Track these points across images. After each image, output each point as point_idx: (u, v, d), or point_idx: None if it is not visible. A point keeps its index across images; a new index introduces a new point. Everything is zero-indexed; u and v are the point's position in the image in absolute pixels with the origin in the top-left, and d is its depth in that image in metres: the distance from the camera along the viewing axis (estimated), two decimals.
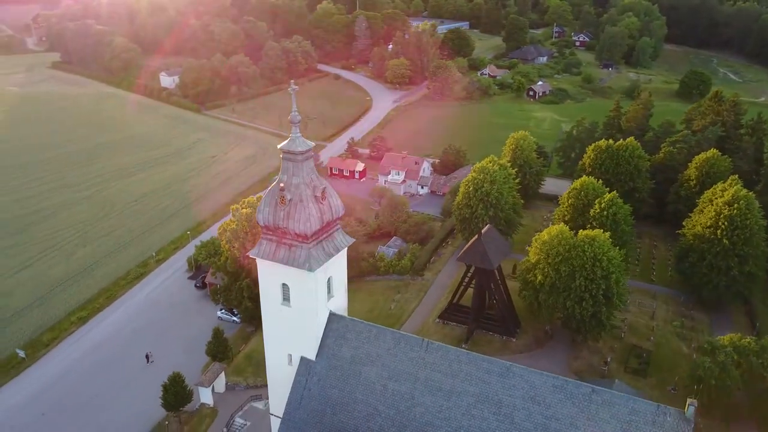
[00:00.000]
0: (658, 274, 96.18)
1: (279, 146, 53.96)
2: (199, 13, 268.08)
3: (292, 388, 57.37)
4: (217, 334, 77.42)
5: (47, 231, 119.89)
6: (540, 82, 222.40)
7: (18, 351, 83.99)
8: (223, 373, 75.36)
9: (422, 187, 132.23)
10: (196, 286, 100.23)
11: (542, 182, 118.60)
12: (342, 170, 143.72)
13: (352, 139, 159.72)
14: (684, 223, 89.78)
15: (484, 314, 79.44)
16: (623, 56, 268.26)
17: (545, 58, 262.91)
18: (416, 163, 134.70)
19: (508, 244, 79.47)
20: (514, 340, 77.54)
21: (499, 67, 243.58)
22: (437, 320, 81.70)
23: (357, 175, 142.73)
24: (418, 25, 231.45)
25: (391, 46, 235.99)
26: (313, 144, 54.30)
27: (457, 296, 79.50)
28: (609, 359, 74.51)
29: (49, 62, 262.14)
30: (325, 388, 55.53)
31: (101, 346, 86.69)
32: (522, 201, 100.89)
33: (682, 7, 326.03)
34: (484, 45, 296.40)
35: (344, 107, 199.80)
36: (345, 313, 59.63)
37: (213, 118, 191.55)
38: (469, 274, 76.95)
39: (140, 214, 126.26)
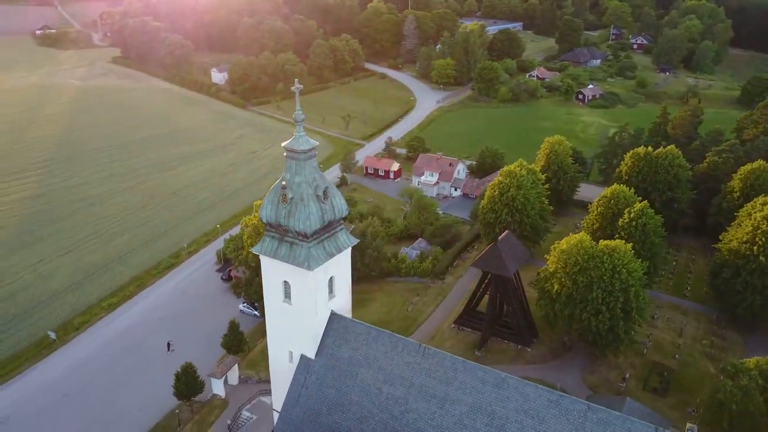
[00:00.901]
0: (693, 289, 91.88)
1: (283, 144, 54.39)
2: (252, 11, 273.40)
3: (290, 385, 57.78)
4: (233, 327, 78.59)
5: (91, 218, 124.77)
6: (590, 86, 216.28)
7: (50, 333, 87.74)
8: (236, 365, 76.52)
9: (455, 189, 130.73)
10: (222, 278, 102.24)
11: (577, 189, 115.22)
12: (377, 170, 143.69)
13: (390, 138, 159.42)
14: (720, 237, 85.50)
15: (500, 322, 77.81)
16: (682, 60, 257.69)
17: (599, 61, 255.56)
18: (450, 164, 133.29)
19: (527, 251, 77.46)
20: (529, 349, 75.62)
21: (549, 69, 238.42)
22: (453, 325, 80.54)
23: (392, 175, 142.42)
24: (467, 25, 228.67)
25: (438, 46, 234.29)
26: (316, 143, 54.54)
27: (474, 302, 78.10)
28: (627, 375, 71.70)
29: (109, 57, 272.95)
30: (322, 388, 55.62)
31: (127, 332, 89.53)
32: (551, 207, 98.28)
33: (751, 9, 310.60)
34: (537, 47, 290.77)
35: (387, 106, 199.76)
36: (348, 314, 59.61)
37: (258, 114, 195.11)
38: (486, 281, 75.40)
39: (177, 205, 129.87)
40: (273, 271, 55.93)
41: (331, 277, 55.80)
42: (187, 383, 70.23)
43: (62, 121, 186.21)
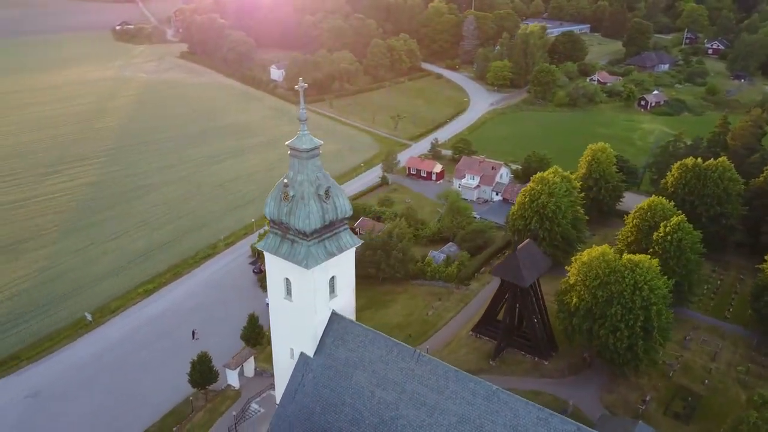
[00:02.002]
0: (735, 311, 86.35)
1: (286, 143, 54.75)
2: (315, 9, 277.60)
3: (288, 381, 58.34)
4: (252, 320, 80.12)
5: (142, 206, 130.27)
6: (655, 92, 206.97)
7: (86, 314, 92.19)
8: (252, 358, 77.88)
9: (496, 194, 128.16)
10: (253, 272, 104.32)
11: (621, 199, 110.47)
12: (419, 171, 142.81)
13: (436, 139, 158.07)
14: (766, 257, 79.89)
15: (518, 332, 75.69)
16: (760, 67, 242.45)
17: (667, 66, 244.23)
18: (493, 168, 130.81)
19: (549, 261, 74.82)
20: (546, 363, 73.19)
21: (612, 73, 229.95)
22: (470, 333, 79.00)
23: (434, 177, 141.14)
24: (527, 26, 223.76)
25: (497, 48, 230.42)
26: (320, 142, 54.61)
27: (492, 311, 76.29)
28: (648, 398, 68.18)
29: (178, 52, 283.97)
30: (318, 387, 55.81)
31: (158, 318, 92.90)
32: (586, 217, 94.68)
33: None
34: (602, 50, 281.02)
35: (439, 107, 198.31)
36: (352, 314, 59.60)
37: (311, 111, 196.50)
38: (504, 289, 73.48)
39: (222, 197, 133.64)
40: (275, 268, 56.54)
41: (332, 277, 55.88)
42: (202, 372, 72.16)
43: (127, 113, 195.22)
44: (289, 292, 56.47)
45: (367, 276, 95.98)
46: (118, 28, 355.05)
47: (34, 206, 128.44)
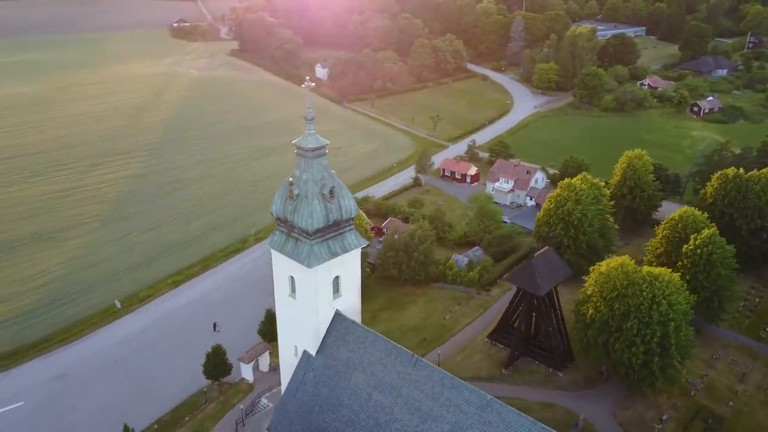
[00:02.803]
0: None
1: (293, 142, 55.05)
2: (363, 8, 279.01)
3: (290, 379, 58.74)
4: (269, 315, 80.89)
5: (179, 199, 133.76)
6: (710, 98, 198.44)
7: (116, 302, 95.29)
8: (267, 353, 78.75)
9: (530, 199, 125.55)
10: None
11: (658, 208, 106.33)
12: (454, 173, 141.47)
13: (473, 141, 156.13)
14: None
15: (534, 341, 73.86)
16: None
17: (725, 71, 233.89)
18: (528, 172, 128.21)
19: (568, 270, 72.57)
20: (561, 374, 71.18)
21: (664, 78, 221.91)
22: (486, 340, 77.60)
23: (468, 179, 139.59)
24: (576, 28, 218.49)
25: (545, 50, 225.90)
26: (326, 142, 54.81)
27: (508, 318, 74.72)
28: (665, 417, 65.30)
29: (229, 50, 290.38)
30: (318, 386, 55.93)
31: (183, 309, 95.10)
32: (616, 226, 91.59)
33: None
34: (657, 53, 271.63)
35: (481, 109, 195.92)
36: (357, 315, 59.44)
37: (352, 110, 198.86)
38: (519, 297, 71.87)
39: (256, 193, 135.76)
40: (281, 266, 57.08)
41: (336, 277, 55.87)
42: (215, 364, 73.39)
43: (174, 108, 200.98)
44: (293, 290, 56.85)
45: (389, 277, 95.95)
46: (174, 25, 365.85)
47: (79, 196, 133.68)
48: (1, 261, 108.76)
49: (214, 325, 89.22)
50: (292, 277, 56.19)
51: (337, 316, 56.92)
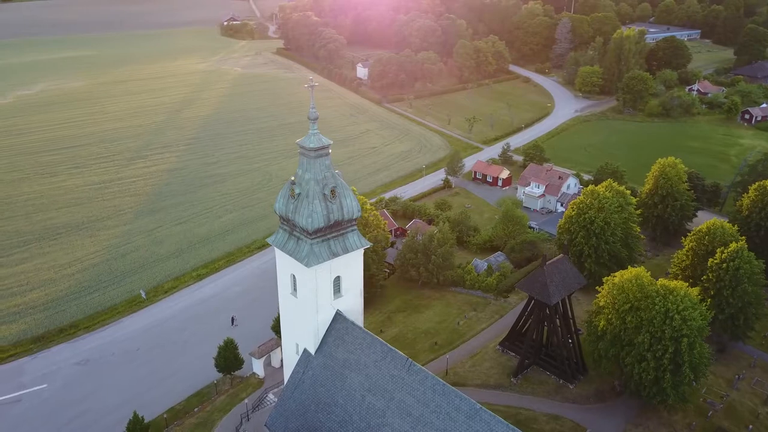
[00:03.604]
0: None
1: (297, 141, 55.30)
2: (408, 8, 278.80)
3: (290, 376, 59.17)
4: None
5: (212, 194, 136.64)
6: (763, 105, 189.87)
7: (141, 292, 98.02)
8: (279, 349, 79.37)
9: (561, 204, 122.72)
10: None
11: (691, 218, 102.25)
12: (485, 175, 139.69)
13: (508, 144, 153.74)
14: None
15: (546, 351, 72.12)
16: None
17: None
18: (560, 177, 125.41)
19: (582, 279, 70.40)
20: (571, 386, 69.26)
21: (716, 83, 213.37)
22: (498, 347, 76.23)
23: (500, 183, 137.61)
24: (623, 30, 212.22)
25: (590, 52, 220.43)
26: (329, 142, 54.80)
27: (519, 326, 73.21)
28: None
29: (274, 48, 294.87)
30: (315, 385, 56.16)
31: (205, 302, 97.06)
32: (642, 236, 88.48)
33: None
34: (710, 57, 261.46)
35: (520, 112, 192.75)
36: (359, 316, 59.37)
37: (389, 110, 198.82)
38: (531, 305, 70.28)
39: None
40: (283, 264, 57.52)
41: (337, 277, 55.88)
42: (227, 358, 74.62)
43: (215, 104, 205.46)
44: (294, 288, 57.20)
45: (408, 279, 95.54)
46: (225, 23, 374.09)
47: (116, 188, 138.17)
48: (42, 248, 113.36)
49: (232, 319, 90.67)
50: (293, 275, 56.56)
51: (338, 316, 56.95)
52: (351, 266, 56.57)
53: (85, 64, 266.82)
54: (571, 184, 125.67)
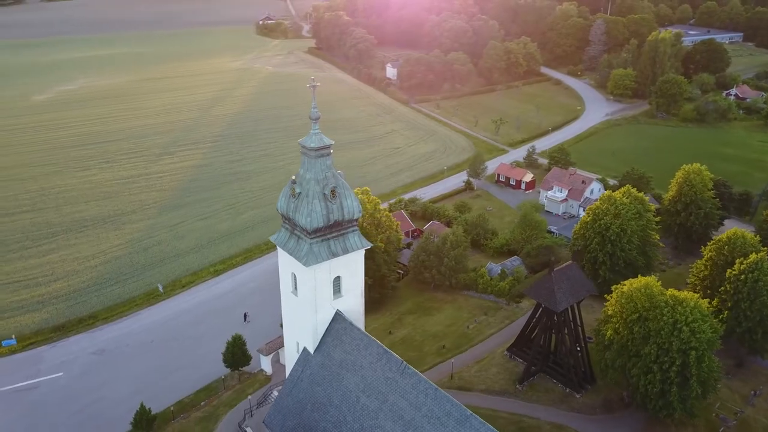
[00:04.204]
0: None
1: (299, 141, 55.55)
2: (441, 8, 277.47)
3: (289, 374, 59.47)
4: None
5: (235, 191, 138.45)
6: None
7: (159, 286, 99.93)
8: None
9: (583, 209, 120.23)
10: None
11: (717, 227, 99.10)
12: (509, 178, 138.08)
13: (533, 147, 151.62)
14: None
15: (554, 359, 70.83)
16: None
17: None
18: (583, 182, 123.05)
19: (591, 287, 68.92)
20: (578, 396, 67.90)
21: (757, 88, 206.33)
22: (505, 353, 75.22)
23: (523, 186, 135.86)
24: (658, 33, 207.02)
25: (623, 54, 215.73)
26: (331, 142, 54.91)
27: (527, 332, 72.09)
28: None
29: (306, 47, 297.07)
30: (313, 384, 56.36)
31: (220, 297, 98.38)
32: (661, 244, 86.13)
33: None
34: (752, 61, 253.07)
35: (549, 114, 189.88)
36: (359, 317, 59.35)
37: (416, 111, 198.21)
38: (539, 312, 69.12)
39: None
40: (284, 262, 57.90)
41: (337, 277, 55.92)
42: (234, 353, 75.47)
43: (245, 102, 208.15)
44: (295, 286, 57.46)
45: (422, 281, 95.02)
46: (260, 22, 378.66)
47: (143, 183, 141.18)
48: (69, 240, 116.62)
49: (245, 316, 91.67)
50: (293, 274, 56.86)
51: (338, 316, 57.00)
52: (351, 267, 56.55)
53: (125, 61, 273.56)
54: (594, 189, 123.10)
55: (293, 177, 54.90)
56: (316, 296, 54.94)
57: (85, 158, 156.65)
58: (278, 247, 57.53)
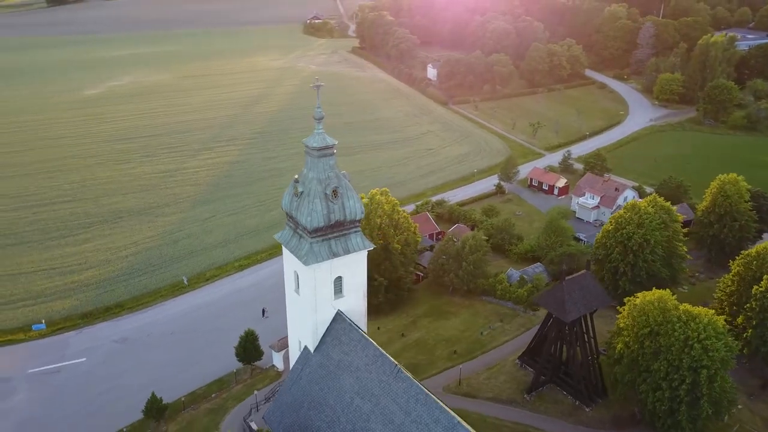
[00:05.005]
0: None
1: (303, 140, 55.87)
2: (486, 9, 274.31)
3: (290, 372, 59.91)
4: None
5: (267, 187, 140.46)
6: None
7: (184, 278, 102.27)
8: None
9: None
10: None
11: (754, 240, 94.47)
12: (541, 183, 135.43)
13: (569, 152, 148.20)
14: None
15: (565, 370, 69.00)
16: None
17: None
18: (616, 189, 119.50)
19: (605, 298, 66.68)
20: (588, 409, 65.90)
21: None
22: (517, 361, 73.72)
23: (556, 191, 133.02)
24: (710, 36, 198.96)
25: (672, 58, 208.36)
26: (334, 142, 55.08)
27: (538, 341, 70.44)
28: None
29: (350, 47, 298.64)
30: (311, 383, 56.64)
31: (240, 292, 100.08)
32: (689, 257, 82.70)
33: None
34: None
35: (590, 118, 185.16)
36: (362, 317, 59.32)
37: (454, 112, 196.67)
38: (549, 321, 67.42)
39: None
40: (289, 260, 58.33)
41: (339, 277, 55.98)
42: (246, 348, 76.46)
43: (285, 101, 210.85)
44: (297, 285, 57.79)
45: (441, 284, 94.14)
46: (308, 21, 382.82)
47: (180, 177, 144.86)
48: (104, 230, 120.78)
49: (263, 311, 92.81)
50: (296, 272, 57.19)
51: (338, 316, 57.09)
52: (353, 267, 56.56)
53: (173, 58, 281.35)
54: (629, 197, 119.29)
55: (296, 176, 55.25)
56: (316, 295, 55.15)
57: (127, 151, 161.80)
58: (283, 245, 58.01)
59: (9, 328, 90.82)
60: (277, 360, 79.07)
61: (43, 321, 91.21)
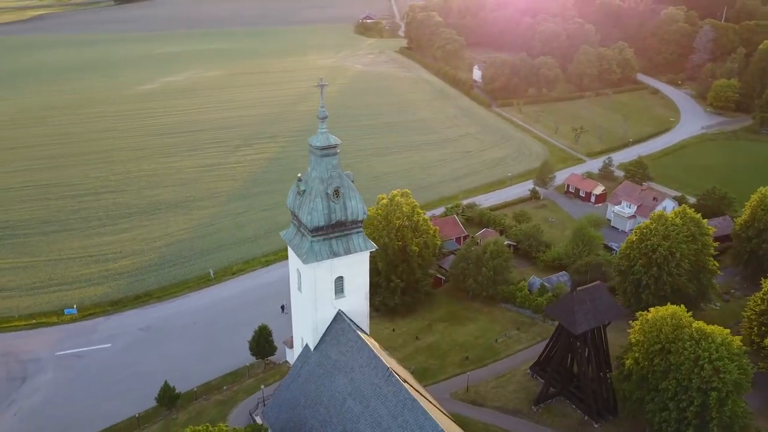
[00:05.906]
0: None
1: (308, 140, 56.20)
2: (537, 10, 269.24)
3: (291, 369, 60.34)
4: None
5: None
6: None
7: (210, 271, 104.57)
8: None
9: None
10: None
11: None
12: (578, 190, 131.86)
13: (610, 158, 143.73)
14: None
15: (576, 383, 66.92)
16: None
17: None
18: (655, 198, 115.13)
19: (618, 310, 64.20)
20: (596, 425, 63.78)
21: None
22: (528, 371, 72.00)
23: (593, 199, 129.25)
24: None
25: (729, 64, 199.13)
26: (338, 142, 55.18)
27: (548, 352, 68.57)
28: None
29: (398, 47, 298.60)
30: (309, 381, 57.04)
31: (263, 287, 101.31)
32: (719, 272, 78.72)
33: None
34: None
35: (638, 125, 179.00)
36: (363, 318, 59.28)
37: (496, 115, 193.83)
38: (559, 332, 65.50)
39: (369, 189, 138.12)
40: (292, 258, 58.75)
41: (340, 277, 56.02)
42: (259, 343, 77.60)
43: (330, 99, 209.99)
44: (300, 283, 58.14)
45: (461, 289, 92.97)
46: (360, 21, 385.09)
47: (218, 172, 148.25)
48: (141, 221, 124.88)
49: (282, 307, 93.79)
50: (298, 270, 57.56)
51: (339, 316, 57.16)
52: (355, 268, 56.50)
53: (227, 55, 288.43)
54: (668, 207, 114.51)
55: (299, 175, 55.64)
56: (316, 294, 55.35)
57: (172, 146, 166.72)
58: (288, 243, 58.46)
59: (44, 311, 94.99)
60: (290, 356, 79.52)
61: (75, 306, 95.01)
